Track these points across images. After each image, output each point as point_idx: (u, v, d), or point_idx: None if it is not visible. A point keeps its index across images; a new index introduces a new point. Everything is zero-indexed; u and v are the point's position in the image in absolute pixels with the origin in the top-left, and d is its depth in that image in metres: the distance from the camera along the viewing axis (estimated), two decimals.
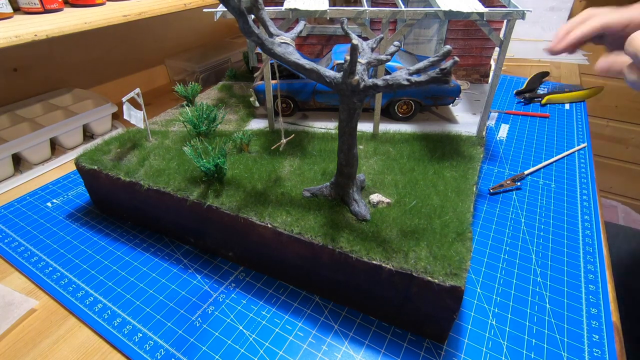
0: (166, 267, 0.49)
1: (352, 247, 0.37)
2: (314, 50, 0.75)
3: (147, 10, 0.72)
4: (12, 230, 0.55)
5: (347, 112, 0.36)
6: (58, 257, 0.50)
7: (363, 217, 0.40)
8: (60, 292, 0.46)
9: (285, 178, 0.47)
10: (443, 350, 0.39)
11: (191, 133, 0.57)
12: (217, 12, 0.50)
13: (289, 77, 0.64)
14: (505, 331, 0.41)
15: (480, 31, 0.75)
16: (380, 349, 0.39)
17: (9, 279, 0.48)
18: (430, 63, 0.33)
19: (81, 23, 0.63)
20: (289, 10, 0.48)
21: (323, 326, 0.41)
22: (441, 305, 0.36)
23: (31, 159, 0.69)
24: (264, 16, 0.37)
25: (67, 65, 0.87)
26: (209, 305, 0.44)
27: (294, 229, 0.40)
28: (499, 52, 0.52)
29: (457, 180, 0.46)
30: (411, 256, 0.36)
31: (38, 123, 0.71)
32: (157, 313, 0.43)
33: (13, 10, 0.65)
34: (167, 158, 0.51)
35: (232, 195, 0.44)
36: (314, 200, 0.43)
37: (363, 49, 0.37)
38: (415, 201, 0.42)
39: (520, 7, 0.49)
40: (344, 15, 0.48)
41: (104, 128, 0.80)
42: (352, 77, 0.32)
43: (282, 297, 0.45)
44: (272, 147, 0.53)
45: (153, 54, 1.04)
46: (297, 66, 0.34)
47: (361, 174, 0.46)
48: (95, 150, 0.54)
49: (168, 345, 0.40)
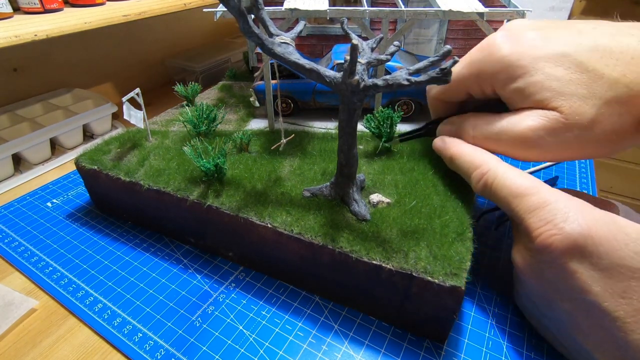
0: (166, 267, 0.49)
1: (352, 247, 0.37)
2: (314, 50, 0.75)
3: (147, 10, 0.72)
4: (12, 230, 0.55)
5: (347, 112, 0.36)
6: (58, 257, 0.50)
7: (363, 217, 0.40)
8: (60, 292, 0.46)
9: (285, 178, 0.47)
10: (443, 350, 0.39)
11: (191, 133, 0.57)
12: (217, 12, 0.50)
13: (289, 77, 0.64)
14: (505, 331, 0.41)
15: (480, 31, 0.75)
16: (380, 349, 0.39)
17: (9, 279, 0.48)
18: (430, 63, 0.33)
19: (81, 23, 0.63)
20: (288, 10, 0.48)
21: (323, 326, 0.41)
22: (441, 306, 0.36)
23: (31, 159, 0.69)
24: (264, 16, 0.37)
25: (67, 65, 0.87)
26: (209, 305, 0.44)
27: (294, 229, 0.40)
28: None
29: (458, 180, 0.46)
30: (411, 256, 0.36)
31: (38, 123, 0.71)
32: (157, 313, 0.43)
33: (13, 10, 0.65)
34: (167, 158, 0.51)
35: (232, 195, 0.44)
36: (314, 200, 0.43)
37: (363, 49, 0.37)
38: (415, 201, 0.42)
39: (520, 7, 0.49)
40: (343, 15, 0.48)
41: (104, 128, 0.80)
42: (352, 77, 0.32)
43: (282, 297, 0.45)
44: (272, 147, 0.53)
45: (153, 54, 1.04)
46: (297, 66, 0.34)
47: (361, 174, 0.46)
48: (95, 150, 0.54)
49: (168, 345, 0.40)
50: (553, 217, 0.31)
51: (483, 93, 0.41)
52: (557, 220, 0.31)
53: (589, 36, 0.35)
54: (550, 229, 0.31)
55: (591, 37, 0.35)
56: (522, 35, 0.38)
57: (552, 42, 0.36)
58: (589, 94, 0.34)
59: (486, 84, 0.40)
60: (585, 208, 0.32)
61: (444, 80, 0.31)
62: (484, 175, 0.38)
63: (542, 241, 0.31)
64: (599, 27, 0.36)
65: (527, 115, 0.37)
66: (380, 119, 0.50)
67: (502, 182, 0.36)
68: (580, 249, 0.30)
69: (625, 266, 0.29)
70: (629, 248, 0.29)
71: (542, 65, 0.36)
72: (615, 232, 0.30)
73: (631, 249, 0.29)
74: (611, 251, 0.29)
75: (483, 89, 0.41)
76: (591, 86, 0.34)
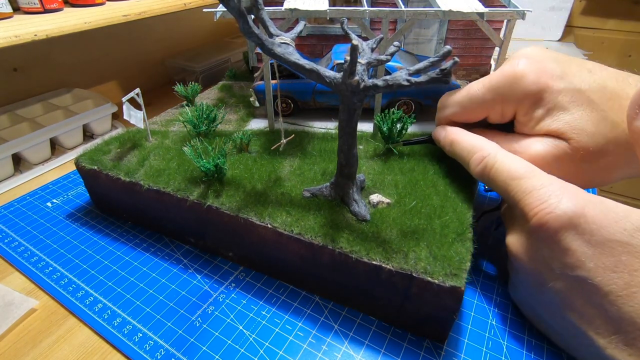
0: (166, 267, 0.49)
1: (352, 248, 0.37)
2: (314, 50, 0.75)
3: (147, 10, 0.72)
4: (12, 230, 0.55)
5: (347, 112, 0.36)
6: (58, 257, 0.50)
7: (363, 217, 0.40)
8: (60, 292, 0.46)
9: (285, 178, 0.47)
10: (443, 350, 0.39)
11: (191, 133, 0.57)
12: (217, 12, 0.50)
13: (289, 77, 0.64)
14: (505, 331, 0.41)
15: (480, 31, 0.75)
16: (380, 349, 0.39)
17: (9, 279, 0.48)
18: (430, 63, 0.33)
19: (81, 23, 0.63)
20: (288, 10, 0.48)
21: (323, 326, 0.41)
22: (441, 306, 0.36)
23: (31, 159, 0.69)
24: (264, 16, 0.37)
25: (67, 65, 0.87)
26: (209, 305, 0.44)
27: (294, 229, 0.40)
28: (499, 52, 0.52)
29: (458, 180, 0.46)
30: (411, 256, 0.36)
31: (38, 123, 0.71)
32: (157, 313, 0.43)
33: (13, 10, 0.65)
34: (167, 158, 0.51)
35: (232, 196, 0.44)
36: (314, 201, 0.43)
37: (363, 49, 0.37)
38: (415, 201, 0.42)
39: (521, 7, 0.49)
40: (343, 15, 0.48)
41: (104, 128, 0.80)
42: (352, 77, 0.32)
43: (282, 297, 0.45)
44: (272, 147, 0.53)
45: (153, 54, 1.04)
46: (297, 66, 0.34)
47: (361, 174, 0.46)
48: (95, 151, 0.54)
49: (168, 345, 0.40)
50: (548, 197, 0.34)
51: (503, 117, 0.43)
52: (553, 200, 0.33)
53: (599, 76, 0.38)
54: (546, 208, 0.33)
55: (600, 77, 0.38)
56: (545, 66, 0.40)
57: (569, 77, 0.39)
58: (596, 132, 0.38)
59: (509, 109, 0.42)
60: (578, 191, 0.34)
61: (444, 81, 0.31)
62: (484, 158, 0.40)
63: (539, 219, 0.34)
64: (605, 70, 0.39)
65: (538, 140, 0.41)
66: (394, 119, 0.50)
67: (502, 165, 0.38)
68: (574, 226, 0.32)
69: (615, 241, 0.30)
70: (618, 225, 0.31)
71: (562, 99, 0.39)
72: (606, 211, 0.32)
73: (620, 226, 0.31)
74: (602, 228, 0.31)
75: (504, 113, 0.43)
76: (598, 125, 0.37)
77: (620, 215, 0.31)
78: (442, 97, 0.48)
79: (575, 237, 0.32)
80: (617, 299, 0.30)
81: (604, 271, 0.31)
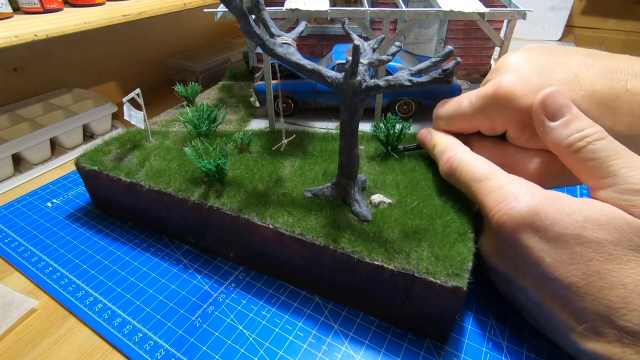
0: (166, 267, 0.48)
1: (353, 248, 0.37)
2: (314, 50, 0.75)
3: (147, 10, 0.72)
4: (12, 230, 0.55)
5: (348, 112, 0.36)
6: (58, 257, 0.50)
7: (364, 217, 0.40)
8: (60, 292, 0.45)
9: (287, 178, 0.47)
10: (443, 350, 0.39)
11: (192, 133, 0.57)
12: (218, 12, 0.50)
13: (289, 77, 0.64)
14: (505, 331, 0.41)
15: (481, 31, 0.75)
16: (380, 349, 0.39)
17: (9, 279, 0.48)
18: (432, 64, 0.33)
19: (81, 23, 0.63)
20: (290, 10, 0.48)
21: (323, 326, 0.41)
22: (443, 306, 0.36)
23: (31, 159, 0.69)
24: (265, 17, 0.37)
25: (67, 65, 0.87)
26: (209, 305, 0.44)
27: (296, 230, 0.40)
28: (499, 52, 0.52)
29: None
30: (413, 257, 0.36)
31: (38, 123, 0.71)
32: (157, 313, 0.43)
33: (13, 10, 0.65)
34: (167, 159, 0.51)
35: (233, 196, 0.44)
36: (315, 201, 0.43)
37: (364, 49, 0.37)
38: (416, 201, 0.42)
39: (521, 7, 0.49)
40: (344, 15, 0.48)
41: (104, 128, 0.80)
42: (354, 77, 0.32)
43: (282, 297, 0.45)
44: (273, 148, 0.53)
45: (153, 54, 1.04)
46: (299, 67, 0.34)
47: (362, 175, 0.46)
48: (95, 151, 0.54)
49: (168, 345, 0.39)
50: (505, 198, 0.35)
51: (494, 132, 0.43)
52: (509, 200, 0.34)
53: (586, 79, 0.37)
54: (502, 209, 0.34)
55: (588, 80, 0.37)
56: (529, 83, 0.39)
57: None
58: None
59: (499, 126, 0.42)
60: (535, 189, 0.35)
61: (446, 81, 0.31)
62: (449, 159, 0.41)
63: (497, 220, 0.35)
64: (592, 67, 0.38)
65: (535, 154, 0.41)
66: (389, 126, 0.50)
67: (466, 167, 0.40)
68: (529, 224, 0.33)
69: (568, 234, 0.31)
70: (570, 218, 0.32)
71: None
72: (559, 206, 0.32)
73: (572, 219, 0.31)
74: (555, 223, 0.32)
75: (495, 129, 0.43)
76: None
77: (573, 208, 0.32)
78: (436, 108, 0.48)
79: (531, 234, 0.33)
80: (579, 289, 0.31)
81: (561, 264, 0.31)
